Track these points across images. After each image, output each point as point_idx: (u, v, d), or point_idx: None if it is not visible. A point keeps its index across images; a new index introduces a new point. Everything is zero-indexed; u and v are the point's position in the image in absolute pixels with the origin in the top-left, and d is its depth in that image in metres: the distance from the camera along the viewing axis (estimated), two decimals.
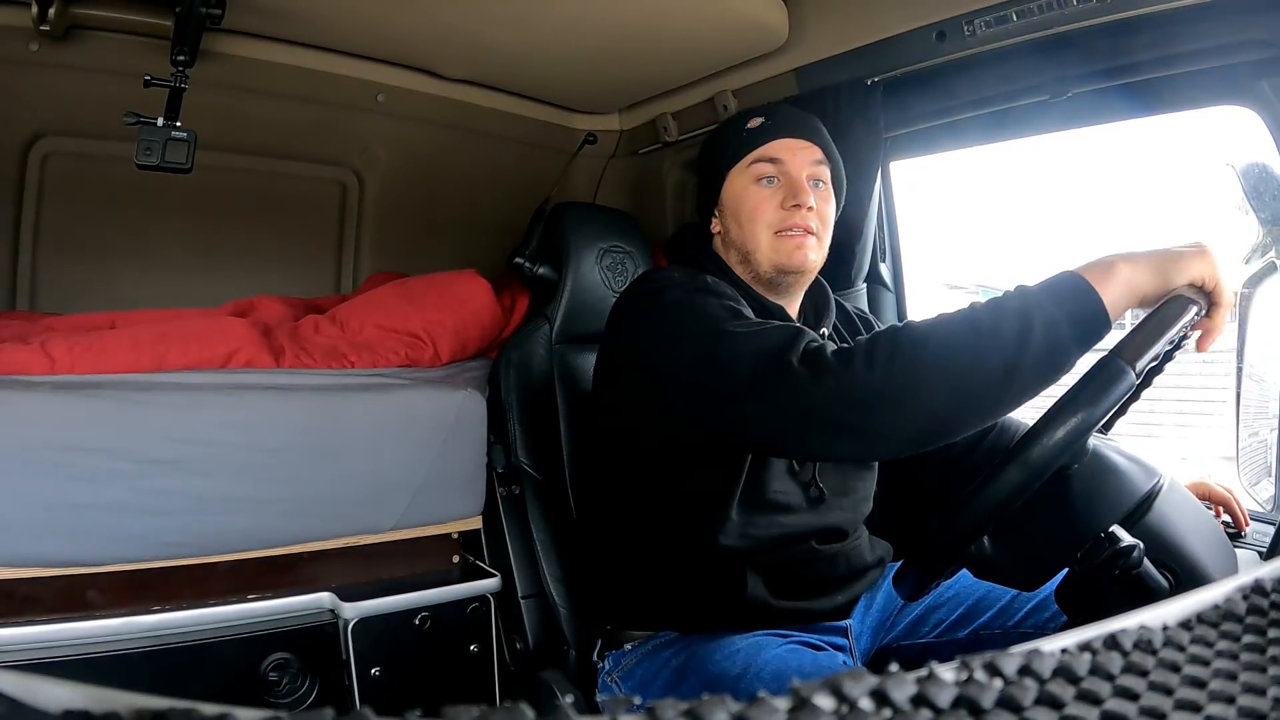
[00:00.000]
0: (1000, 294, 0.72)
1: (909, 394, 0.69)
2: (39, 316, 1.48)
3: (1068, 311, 0.68)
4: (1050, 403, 0.68)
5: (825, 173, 1.02)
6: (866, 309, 1.46)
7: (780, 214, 0.98)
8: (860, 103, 1.33)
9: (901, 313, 1.58)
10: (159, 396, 1.14)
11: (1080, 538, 0.70)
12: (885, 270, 1.54)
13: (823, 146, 1.02)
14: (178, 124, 1.19)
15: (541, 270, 1.42)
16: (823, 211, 1.01)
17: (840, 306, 1.17)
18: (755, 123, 1.02)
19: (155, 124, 1.17)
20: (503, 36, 1.39)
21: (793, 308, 1.04)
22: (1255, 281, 1.08)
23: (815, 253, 1.00)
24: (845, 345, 0.74)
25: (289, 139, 1.72)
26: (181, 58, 1.17)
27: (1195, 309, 0.69)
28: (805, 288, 1.06)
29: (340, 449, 1.24)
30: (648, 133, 1.78)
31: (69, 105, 1.50)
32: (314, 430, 1.22)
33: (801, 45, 1.39)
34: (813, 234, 0.99)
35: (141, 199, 1.69)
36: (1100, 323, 0.69)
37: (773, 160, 1.00)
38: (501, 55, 1.50)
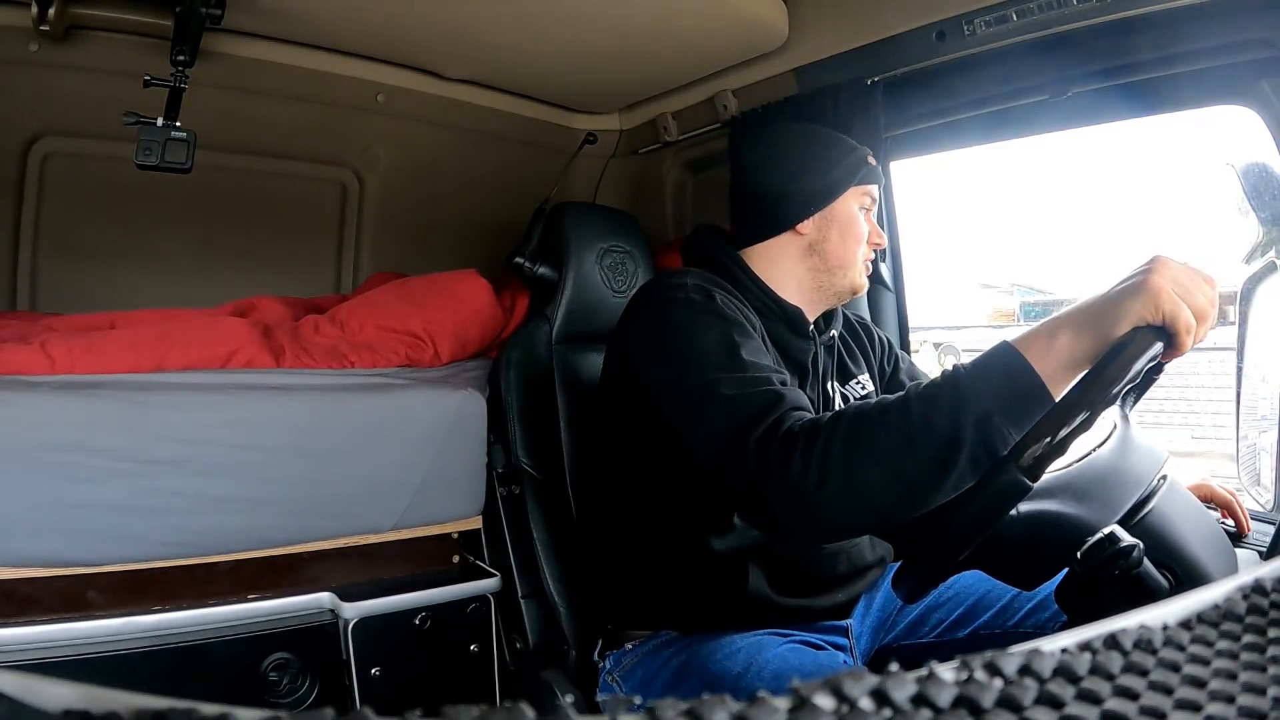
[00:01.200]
0: (938, 378, 0.70)
1: (845, 495, 0.70)
2: (39, 316, 1.48)
3: (1002, 399, 0.66)
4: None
5: None
6: (867, 310, 1.46)
7: (866, 247, 1.07)
8: (860, 102, 1.33)
9: (901, 312, 1.58)
10: (159, 396, 1.14)
11: (1080, 537, 0.70)
12: (885, 270, 1.54)
13: None
14: (177, 124, 1.19)
15: (541, 270, 1.42)
16: None
17: (843, 314, 1.18)
18: (873, 160, 1.07)
19: (155, 124, 1.17)
20: (503, 36, 1.39)
21: (812, 313, 1.07)
22: (1255, 281, 1.08)
23: None
24: (795, 432, 0.73)
25: (289, 139, 1.73)
26: (181, 58, 1.17)
27: (1153, 349, 0.62)
28: None
29: (340, 449, 1.24)
30: (648, 133, 1.78)
31: (69, 105, 1.50)
32: (314, 430, 1.22)
33: (801, 45, 1.39)
34: None
35: (141, 199, 1.69)
36: (1039, 403, 0.65)
37: (873, 199, 1.08)
38: (501, 55, 1.50)
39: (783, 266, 1.04)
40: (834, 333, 1.10)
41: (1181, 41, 1.03)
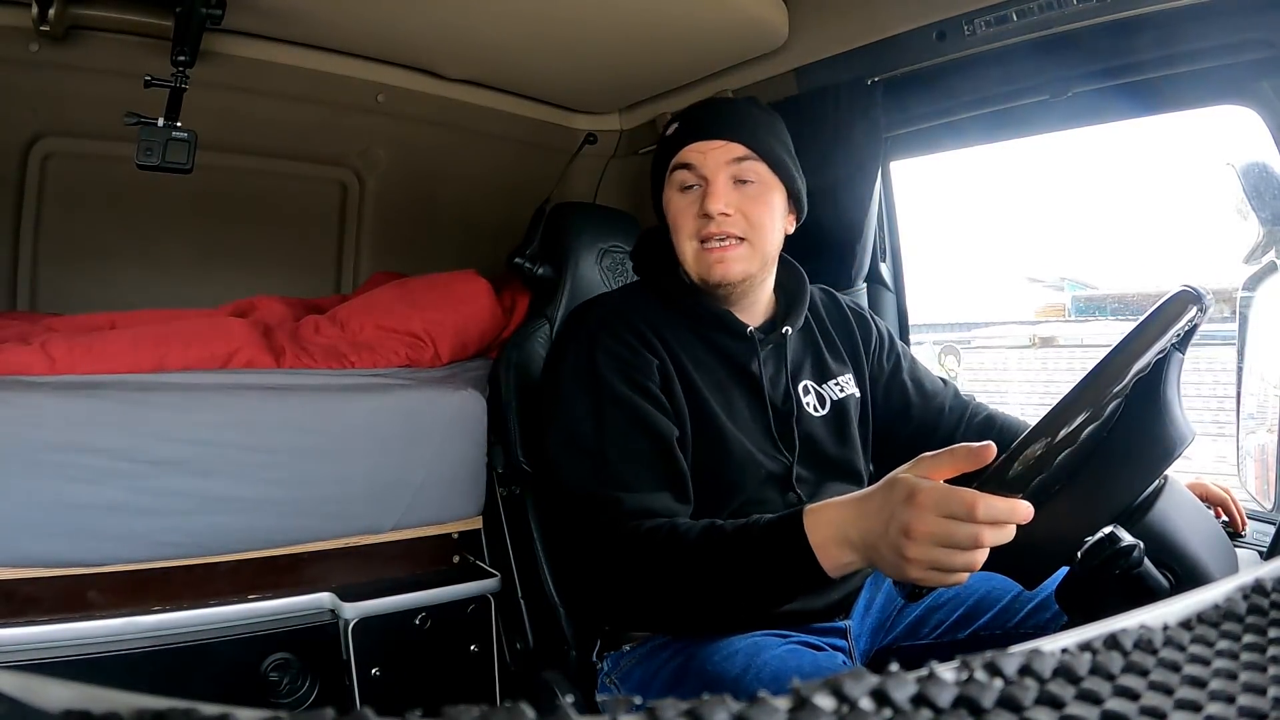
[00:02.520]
0: (734, 546, 0.76)
1: (639, 606, 0.86)
2: (39, 317, 1.48)
3: (787, 590, 0.74)
4: (1051, 401, 0.67)
5: (754, 169, 0.95)
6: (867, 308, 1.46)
7: (697, 223, 0.94)
8: (860, 103, 1.33)
9: (902, 312, 1.58)
10: (159, 396, 1.14)
11: (1081, 536, 0.70)
12: (885, 270, 1.54)
13: (746, 141, 0.94)
14: (178, 124, 1.19)
15: (541, 270, 1.42)
16: (751, 213, 0.94)
17: (834, 301, 1.16)
18: (671, 129, 0.96)
19: (156, 124, 1.17)
20: (503, 36, 1.39)
21: (748, 313, 1.02)
22: (1255, 282, 1.08)
23: (743, 263, 0.95)
24: (620, 538, 0.82)
25: (289, 139, 1.73)
26: (182, 58, 1.17)
27: (1184, 315, 0.64)
28: (756, 294, 1.01)
29: (340, 449, 1.24)
30: (648, 133, 1.78)
31: (69, 105, 1.50)
32: (314, 430, 1.22)
33: (801, 45, 1.39)
34: (740, 240, 0.94)
35: (142, 199, 1.69)
36: (818, 589, 0.75)
37: (687, 166, 0.95)
38: (501, 55, 1.50)
39: None
40: (786, 330, 1.02)
41: (1181, 41, 1.03)
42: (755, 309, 1.03)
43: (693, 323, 0.99)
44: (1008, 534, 0.61)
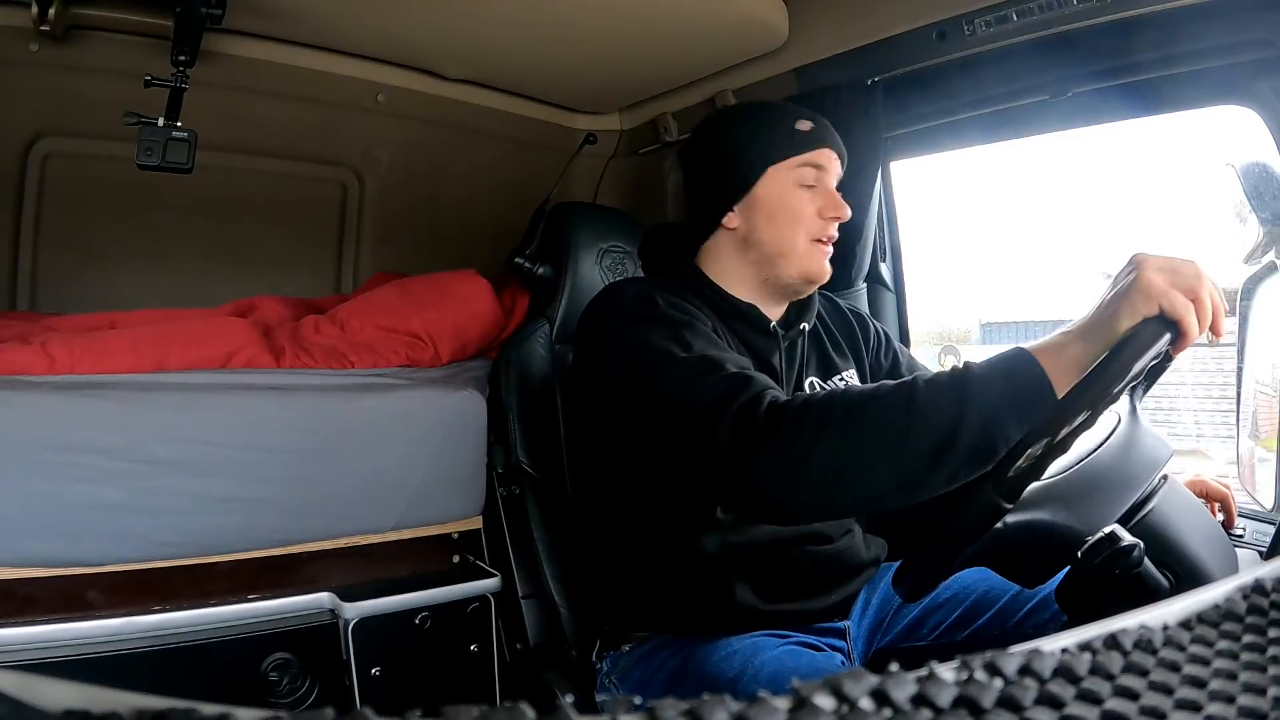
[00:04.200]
0: (948, 370, 0.71)
1: (833, 471, 0.68)
2: (39, 317, 1.48)
3: (1009, 396, 0.66)
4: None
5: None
6: (866, 309, 1.46)
7: (819, 223, 0.98)
8: (860, 103, 1.33)
9: (902, 312, 1.58)
10: (159, 396, 1.14)
11: (1081, 536, 0.70)
12: (885, 270, 1.54)
13: (843, 162, 1.02)
14: (178, 124, 1.19)
15: (541, 270, 1.42)
16: None
17: (832, 303, 1.16)
18: (805, 125, 0.98)
19: (156, 124, 1.18)
20: (503, 36, 1.39)
21: (774, 312, 1.03)
22: (1256, 281, 1.08)
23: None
24: (782, 404, 0.72)
25: (289, 139, 1.73)
26: (182, 58, 1.17)
27: (1158, 343, 0.63)
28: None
29: (340, 449, 1.24)
30: (648, 133, 1.78)
31: (69, 105, 1.50)
32: (314, 430, 1.22)
33: (801, 45, 1.39)
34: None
35: (142, 199, 1.69)
36: (1044, 404, 0.66)
37: (817, 167, 0.98)
38: (501, 55, 1.50)
39: (727, 264, 1.01)
40: (804, 326, 1.05)
41: (1181, 41, 1.03)
42: (774, 314, 1.04)
43: (718, 313, 0.99)
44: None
